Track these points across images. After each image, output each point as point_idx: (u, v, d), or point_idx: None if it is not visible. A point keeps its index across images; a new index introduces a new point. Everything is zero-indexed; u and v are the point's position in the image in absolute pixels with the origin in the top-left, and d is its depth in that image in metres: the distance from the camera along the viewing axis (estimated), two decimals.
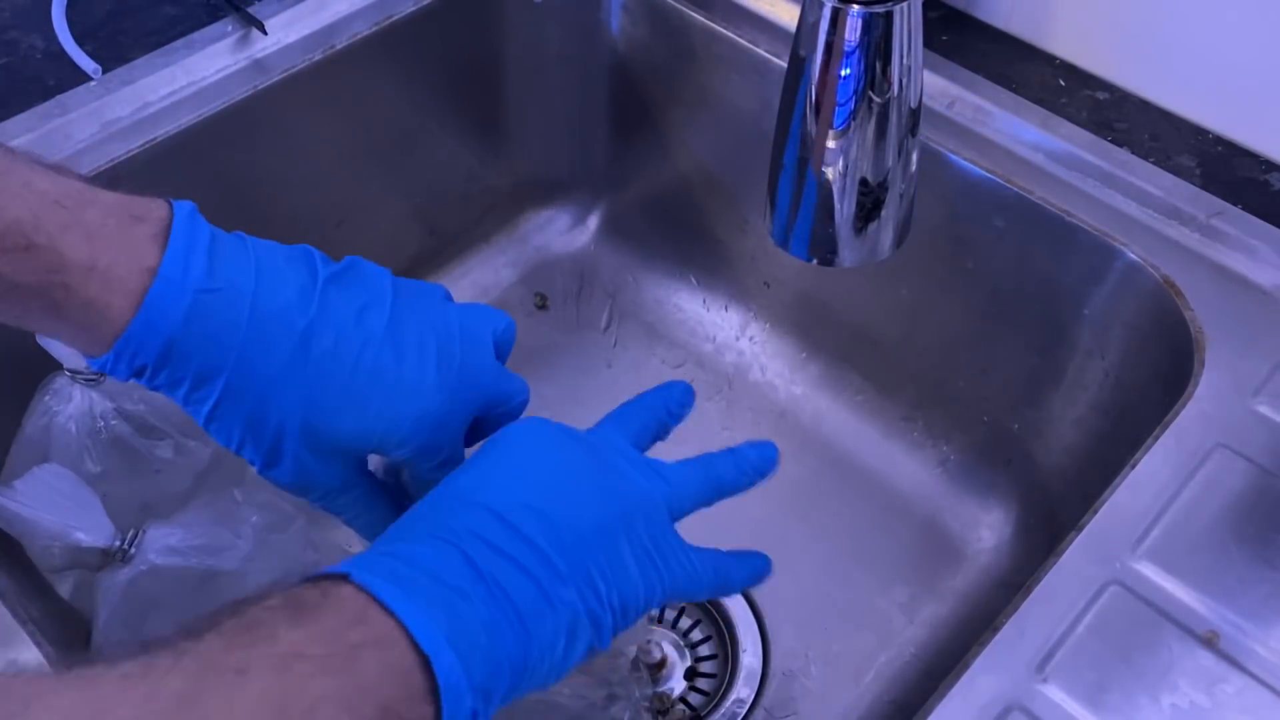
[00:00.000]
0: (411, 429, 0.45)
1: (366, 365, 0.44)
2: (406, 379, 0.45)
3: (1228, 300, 0.58)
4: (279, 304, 0.43)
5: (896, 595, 0.70)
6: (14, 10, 0.72)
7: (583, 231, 0.89)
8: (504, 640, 0.37)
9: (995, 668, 0.46)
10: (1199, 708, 0.44)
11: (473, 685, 0.36)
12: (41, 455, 0.57)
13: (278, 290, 0.44)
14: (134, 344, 0.42)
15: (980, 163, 0.65)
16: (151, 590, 0.54)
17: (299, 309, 0.44)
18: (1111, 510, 0.51)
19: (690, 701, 0.66)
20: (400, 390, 0.45)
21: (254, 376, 0.43)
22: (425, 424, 0.45)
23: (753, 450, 0.49)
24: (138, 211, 0.43)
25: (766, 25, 0.73)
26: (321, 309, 0.44)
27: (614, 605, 0.40)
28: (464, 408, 0.47)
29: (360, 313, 0.45)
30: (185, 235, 0.43)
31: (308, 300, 0.44)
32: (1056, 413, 0.69)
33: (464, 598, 0.37)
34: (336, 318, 0.44)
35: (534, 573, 0.39)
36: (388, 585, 0.36)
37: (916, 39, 0.50)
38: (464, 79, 0.81)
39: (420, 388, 0.45)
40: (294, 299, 0.44)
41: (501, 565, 0.38)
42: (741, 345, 0.82)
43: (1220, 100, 0.65)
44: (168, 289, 0.42)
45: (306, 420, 0.44)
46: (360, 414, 0.44)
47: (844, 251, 0.56)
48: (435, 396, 0.45)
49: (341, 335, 0.44)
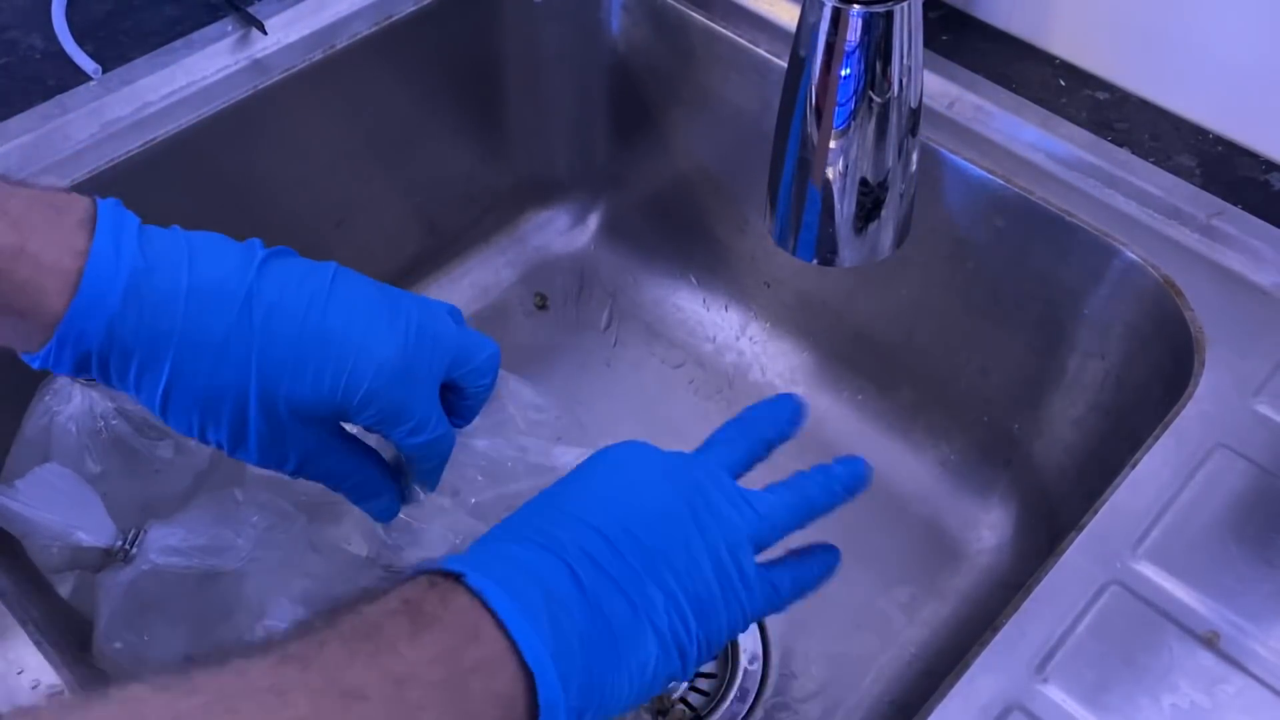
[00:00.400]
0: (371, 386, 0.44)
1: (314, 326, 0.44)
2: (356, 335, 0.44)
3: (1228, 300, 0.58)
4: (217, 275, 0.43)
5: (896, 595, 0.70)
6: (14, 10, 0.72)
7: (582, 231, 0.89)
8: (599, 660, 0.38)
9: (995, 668, 0.46)
10: (1199, 708, 0.44)
11: (569, 706, 0.36)
12: (42, 455, 0.57)
13: (214, 263, 0.44)
14: (75, 329, 0.42)
15: (980, 163, 0.65)
16: (153, 590, 0.54)
17: (237, 278, 0.43)
18: (1111, 510, 0.51)
19: (690, 701, 0.66)
20: (350, 346, 0.44)
21: (201, 351, 0.43)
22: (384, 379, 0.45)
23: (842, 468, 0.48)
24: (60, 203, 0.43)
25: (766, 25, 0.73)
26: (260, 276, 0.44)
27: (700, 637, 0.41)
28: (425, 364, 0.47)
29: (301, 282, 0.45)
30: (113, 221, 0.43)
31: (245, 270, 0.44)
32: (1056, 413, 0.69)
33: (567, 612, 0.37)
34: (277, 283, 0.44)
35: (631, 596, 0.39)
36: (501, 594, 0.36)
37: (916, 39, 0.50)
38: (464, 79, 0.81)
39: (372, 343, 0.45)
40: (232, 269, 0.44)
41: (603, 583, 0.39)
42: (741, 345, 0.82)
43: (1220, 100, 0.65)
44: (102, 268, 0.42)
45: (263, 389, 0.44)
46: (316, 376, 0.44)
47: (844, 251, 0.56)
48: (390, 349, 0.45)
49: (285, 298, 0.44)
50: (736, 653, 0.68)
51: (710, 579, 0.41)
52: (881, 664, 0.68)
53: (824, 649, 0.68)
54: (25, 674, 0.47)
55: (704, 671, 0.68)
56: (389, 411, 0.46)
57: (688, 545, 0.41)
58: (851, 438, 0.77)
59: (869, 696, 0.67)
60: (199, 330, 0.43)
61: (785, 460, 0.77)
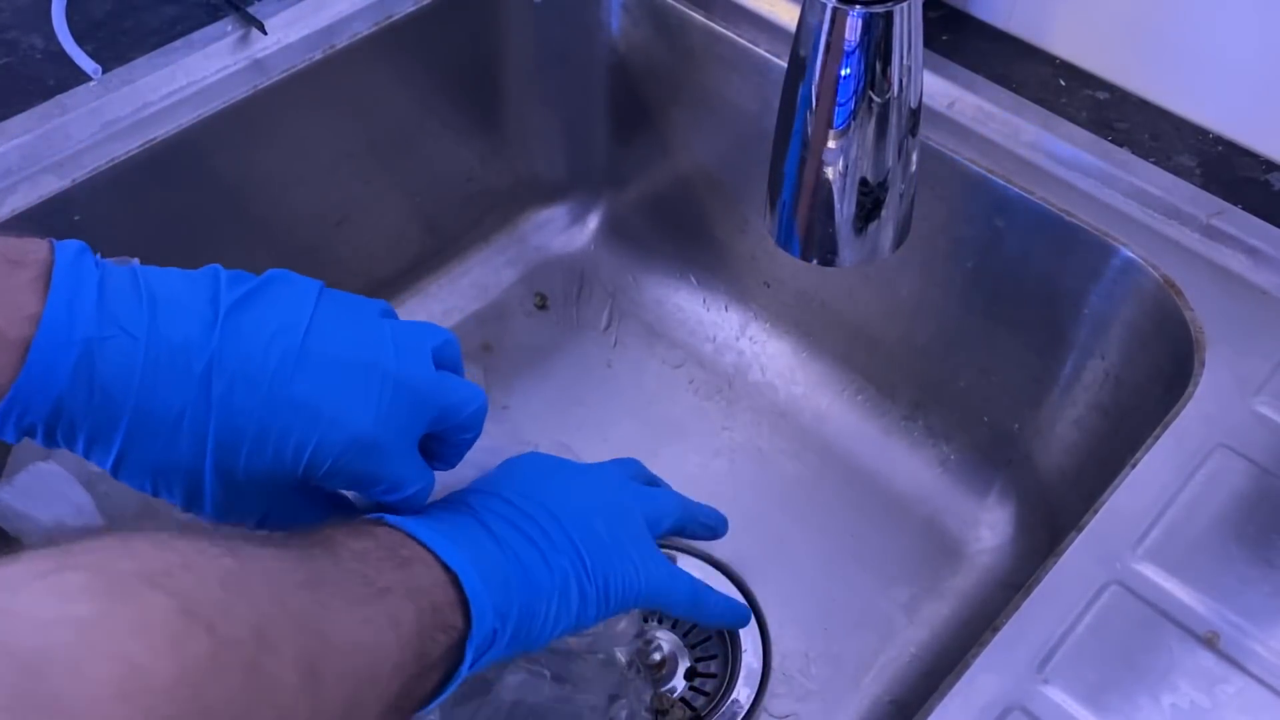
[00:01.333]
0: (339, 460, 0.42)
1: (279, 397, 0.41)
2: (325, 407, 0.41)
3: (1228, 300, 0.58)
4: (176, 343, 0.40)
5: (897, 595, 0.70)
6: (14, 10, 0.72)
7: (582, 231, 0.89)
8: (514, 581, 0.44)
9: (995, 668, 0.46)
10: (1199, 708, 0.44)
11: (494, 605, 0.42)
12: (44, 454, 0.57)
13: (175, 327, 0.40)
14: (20, 405, 0.39)
15: (980, 163, 0.65)
16: None
17: (198, 347, 0.40)
18: (1111, 510, 0.51)
19: (690, 701, 0.66)
20: (319, 419, 0.41)
21: (155, 425, 0.40)
22: (354, 453, 0.42)
23: (715, 513, 0.59)
24: (14, 255, 0.39)
25: (766, 25, 0.73)
26: (224, 342, 0.41)
27: (598, 580, 0.47)
28: (402, 429, 0.44)
29: (271, 340, 0.41)
30: (69, 278, 0.39)
31: (208, 335, 0.40)
32: (1056, 412, 0.69)
33: (481, 547, 0.44)
34: (242, 349, 0.41)
35: (536, 542, 0.46)
36: (419, 526, 0.42)
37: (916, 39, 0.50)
38: (464, 79, 0.81)
39: (342, 415, 0.42)
40: (193, 335, 0.40)
41: (510, 532, 0.46)
42: (741, 345, 0.82)
43: (1220, 100, 0.65)
44: (53, 339, 0.38)
45: (219, 463, 0.41)
46: (278, 450, 0.41)
47: (844, 251, 0.56)
48: (362, 420, 0.42)
49: (248, 369, 0.41)
50: (737, 652, 0.68)
51: (602, 534, 0.48)
52: (881, 664, 0.68)
53: (824, 649, 0.68)
54: None
55: (704, 671, 0.68)
56: (359, 479, 0.43)
57: (580, 507, 0.48)
58: (851, 438, 0.77)
59: (869, 696, 0.67)
60: (153, 406, 0.40)
61: (784, 460, 0.77)
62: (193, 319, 0.41)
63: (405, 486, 0.44)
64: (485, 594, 0.42)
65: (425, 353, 0.45)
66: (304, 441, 0.41)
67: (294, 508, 0.45)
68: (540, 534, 0.46)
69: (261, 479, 0.42)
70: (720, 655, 0.68)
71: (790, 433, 0.78)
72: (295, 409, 0.41)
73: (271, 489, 0.43)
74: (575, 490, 0.50)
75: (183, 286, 0.41)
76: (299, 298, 0.43)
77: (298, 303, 0.43)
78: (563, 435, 0.77)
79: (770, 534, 0.73)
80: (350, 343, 0.43)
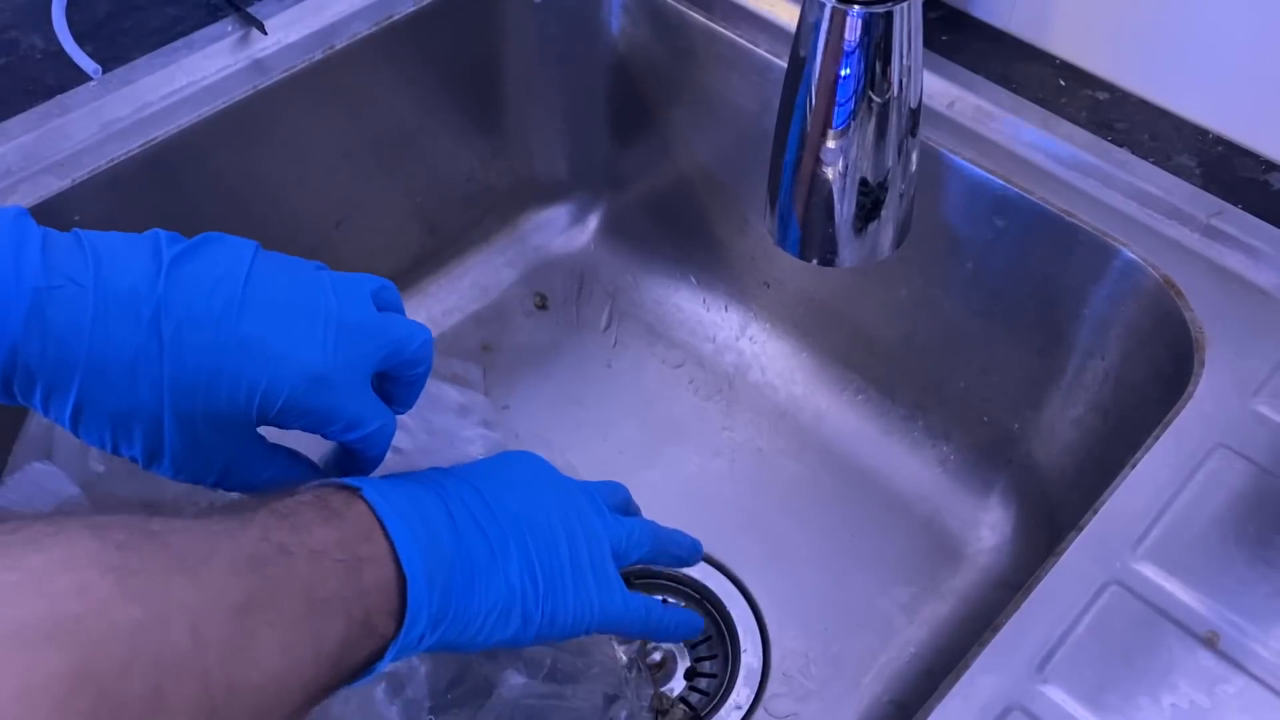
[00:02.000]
0: (292, 396, 0.43)
1: (227, 336, 0.42)
2: (273, 343, 0.43)
3: (1228, 300, 0.58)
4: (123, 292, 0.42)
5: (896, 595, 0.70)
6: (14, 10, 0.72)
7: (583, 231, 0.89)
8: (457, 588, 0.44)
9: (995, 668, 0.46)
10: (1199, 708, 0.44)
11: (430, 614, 0.42)
12: (44, 454, 0.57)
13: (121, 278, 0.42)
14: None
15: (980, 163, 0.65)
16: None
17: (145, 295, 0.42)
18: (1111, 510, 0.51)
19: (690, 701, 0.66)
20: (268, 356, 0.43)
21: (109, 371, 0.41)
22: (305, 387, 0.43)
23: (688, 538, 0.58)
24: None
25: (766, 25, 0.73)
26: (169, 289, 0.42)
27: (545, 607, 0.46)
28: (351, 364, 0.45)
29: (214, 286, 0.43)
30: (13, 235, 0.41)
31: (153, 284, 0.42)
32: (1056, 413, 0.69)
33: (438, 539, 0.43)
34: (187, 296, 0.42)
35: (492, 544, 0.46)
36: (389, 510, 0.42)
37: (916, 39, 0.50)
38: (464, 79, 0.81)
39: (291, 350, 0.43)
40: (139, 285, 0.42)
41: (471, 527, 0.45)
42: (741, 345, 0.82)
43: (1220, 100, 0.65)
44: (3, 289, 0.40)
45: (176, 406, 0.42)
46: (232, 389, 0.42)
47: (844, 251, 0.56)
48: (311, 354, 0.43)
49: (194, 312, 0.42)
50: (737, 652, 0.68)
51: (564, 560, 0.48)
52: (881, 664, 0.68)
53: (824, 649, 0.68)
54: None
55: (704, 671, 0.68)
56: (316, 416, 0.44)
57: (550, 525, 0.48)
58: (851, 438, 0.77)
59: (869, 696, 0.67)
60: (106, 352, 0.41)
61: (784, 460, 0.77)
62: (137, 271, 0.42)
63: (364, 423, 0.45)
64: (426, 602, 0.42)
65: (365, 295, 0.46)
66: (256, 379, 0.42)
67: (252, 463, 0.46)
68: (501, 543, 0.46)
69: (219, 423, 0.43)
70: (720, 655, 0.68)
71: (790, 433, 0.78)
72: (244, 347, 0.42)
73: (230, 437, 0.44)
74: (551, 506, 0.49)
75: (124, 244, 0.43)
76: (236, 252, 0.44)
77: (236, 256, 0.44)
78: (563, 435, 0.77)
79: (770, 534, 0.73)
80: (290, 288, 0.44)
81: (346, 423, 0.45)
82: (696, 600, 0.70)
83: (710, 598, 0.70)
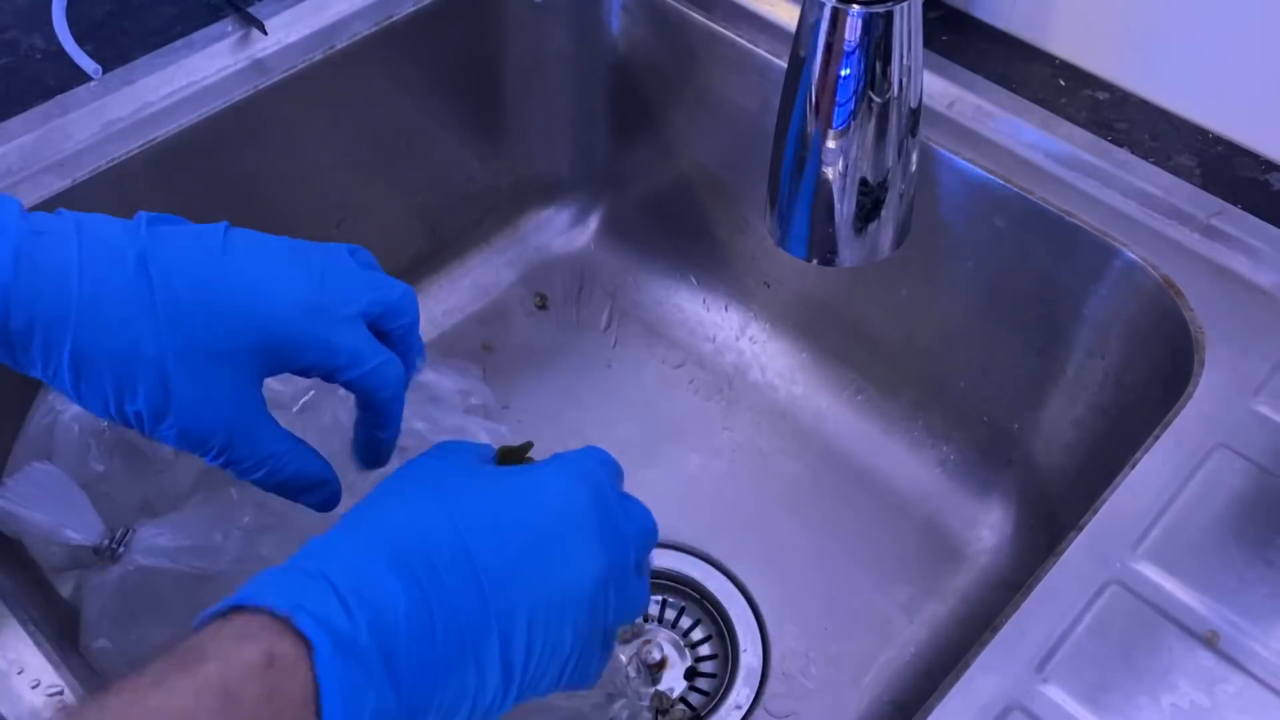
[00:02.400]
0: (288, 322, 0.43)
1: (216, 272, 0.42)
2: (262, 275, 0.43)
3: (1228, 300, 0.58)
4: (106, 238, 0.42)
5: (896, 595, 0.70)
6: (14, 10, 0.72)
7: (583, 231, 0.89)
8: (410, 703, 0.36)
9: (995, 668, 0.46)
10: (1199, 708, 0.44)
11: None
12: (44, 454, 0.57)
13: (103, 227, 0.43)
14: None
15: (980, 163, 0.65)
16: (141, 589, 0.54)
17: (128, 241, 0.42)
18: (1111, 510, 0.51)
19: (690, 701, 0.66)
20: (260, 286, 0.43)
21: (103, 310, 0.41)
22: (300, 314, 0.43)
23: None
24: None
25: (766, 25, 0.73)
26: (151, 241, 0.43)
27: (517, 698, 0.39)
28: (340, 299, 0.45)
29: (195, 237, 0.44)
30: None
31: (134, 236, 0.43)
32: (1056, 413, 0.69)
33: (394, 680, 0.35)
34: (168, 243, 0.43)
35: (470, 643, 0.37)
36: (324, 645, 0.34)
37: (916, 39, 0.50)
38: (464, 79, 0.81)
39: (281, 280, 0.43)
40: (119, 235, 0.43)
41: (448, 622, 0.36)
42: (741, 345, 0.82)
43: (1220, 100, 0.65)
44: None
45: (175, 346, 0.42)
46: (230, 321, 0.42)
47: (844, 251, 0.56)
48: (300, 284, 0.44)
49: (180, 256, 0.43)
50: (736, 652, 0.68)
51: (566, 652, 0.40)
52: (881, 664, 0.68)
53: (824, 649, 0.68)
54: (25, 673, 0.47)
55: (704, 671, 0.68)
56: (315, 349, 0.43)
57: (561, 609, 0.39)
58: (851, 438, 0.77)
59: (869, 696, 0.67)
60: (98, 291, 0.41)
61: (784, 460, 0.77)
62: (117, 227, 0.43)
63: (365, 358, 0.45)
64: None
65: (342, 252, 0.47)
66: (251, 307, 0.42)
67: (257, 432, 0.45)
68: (483, 635, 0.37)
69: (221, 360, 0.42)
70: (720, 655, 0.68)
71: (790, 433, 0.78)
72: (235, 278, 0.43)
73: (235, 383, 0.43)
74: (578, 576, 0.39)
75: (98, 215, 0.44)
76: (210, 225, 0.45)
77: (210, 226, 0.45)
78: (563, 435, 0.77)
79: (770, 534, 0.73)
80: (270, 239, 0.45)
81: (348, 356, 0.44)
82: (696, 600, 0.70)
83: (710, 598, 0.70)
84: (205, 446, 0.44)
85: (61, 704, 0.39)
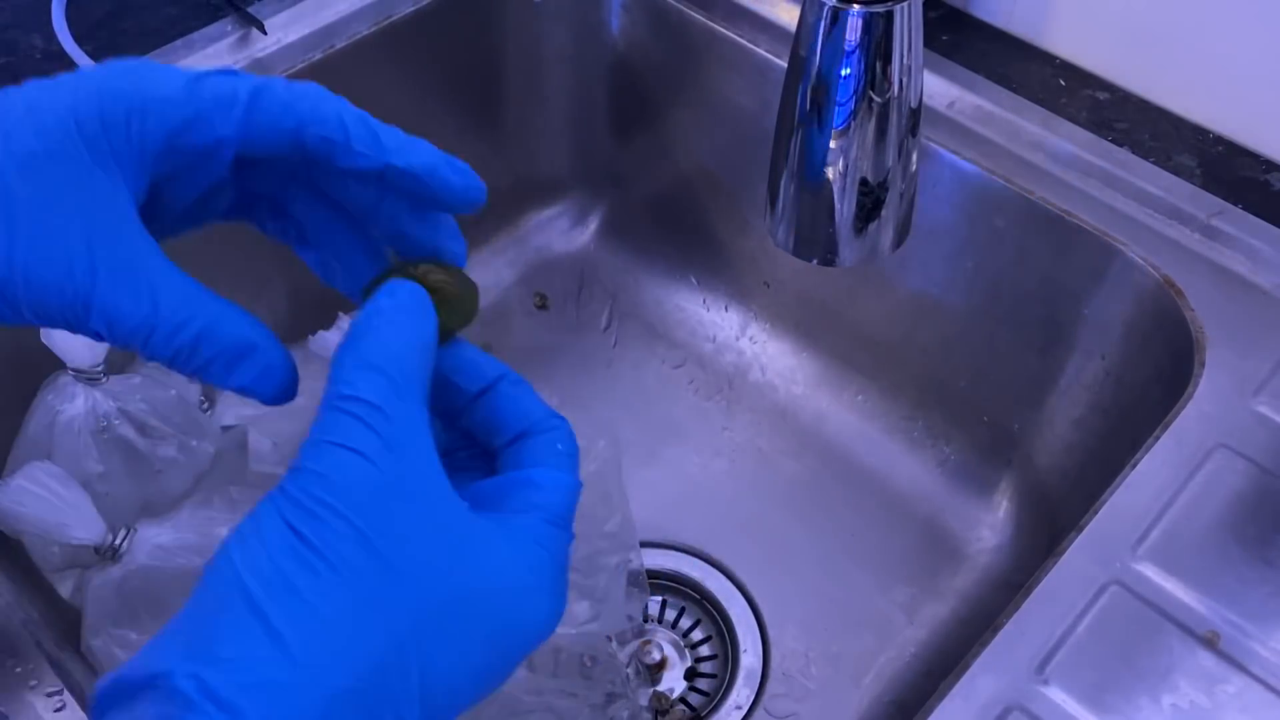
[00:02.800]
0: (341, 118, 0.39)
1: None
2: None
3: (1228, 300, 0.58)
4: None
5: (896, 595, 0.70)
6: (14, 10, 0.72)
7: (583, 231, 0.89)
8: None
9: (995, 668, 0.46)
10: (1199, 708, 0.44)
11: None
12: (44, 454, 0.57)
13: None
14: None
15: (980, 163, 0.65)
16: (141, 589, 0.54)
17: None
18: (1111, 510, 0.51)
19: (690, 701, 0.66)
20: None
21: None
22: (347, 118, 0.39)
23: None
24: None
25: (766, 25, 0.73)
26: None
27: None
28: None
29: None
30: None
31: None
32: (1056, 413, 0.69)
33: None
34: None
35: None
36: None
37: (916, 39, 0.50)
38: (464, 79, 0.81)
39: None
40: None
41: None
42: (741, 345, 0.82)
43: (1220, 100, 0.65)
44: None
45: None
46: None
47: (844, 251, 0.56)
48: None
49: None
50: (736, 652, 0.68)
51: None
52: (881, 664, 0.68)
53: (824, 649, 0.68)
54: (25, 673, 0.47)
55: (704, 672, 0.68)
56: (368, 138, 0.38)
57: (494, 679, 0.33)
58: (851, 438, 0.77)
59: (869, 696, 0.67)
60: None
61: (784, 460, 0.77)
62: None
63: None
64: None
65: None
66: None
67: (139, 271, 0.34)
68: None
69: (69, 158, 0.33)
70: (720, 655, 0.68)
71: (790, 433, 0.78)
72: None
73: (94, 204, 0.33)
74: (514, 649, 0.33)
75: None
76: None
77: None
78: None
79: (770, 534, 0.73)
80: None
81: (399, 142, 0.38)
82: (696, 600, 0.70)
83: (710, 598, 0.70)
84: (60, 293, 0.32)
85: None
